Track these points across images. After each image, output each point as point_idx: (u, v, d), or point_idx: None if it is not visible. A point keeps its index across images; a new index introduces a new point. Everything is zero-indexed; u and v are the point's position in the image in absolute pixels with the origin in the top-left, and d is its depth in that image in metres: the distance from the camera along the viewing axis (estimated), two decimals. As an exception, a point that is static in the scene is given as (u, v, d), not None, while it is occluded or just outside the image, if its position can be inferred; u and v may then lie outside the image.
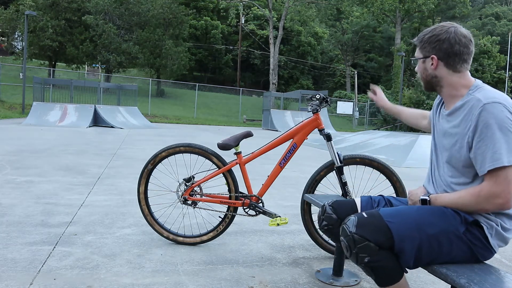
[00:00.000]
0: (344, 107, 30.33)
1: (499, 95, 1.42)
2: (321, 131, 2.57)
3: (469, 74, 1.56)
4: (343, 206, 1.70)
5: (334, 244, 2.51)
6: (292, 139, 2.59)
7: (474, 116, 1.40)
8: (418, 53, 1.60)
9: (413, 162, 7.44)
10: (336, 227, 1.67)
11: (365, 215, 1.44)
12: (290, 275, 2.28)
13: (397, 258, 1.42)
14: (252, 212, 2.65)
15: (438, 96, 1.73)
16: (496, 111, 1.36)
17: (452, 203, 1.47)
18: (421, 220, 1.43)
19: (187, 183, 2.64)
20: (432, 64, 1.54)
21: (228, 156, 3.01)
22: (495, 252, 1.48)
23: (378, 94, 2.17)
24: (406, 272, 1.48)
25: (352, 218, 1.45)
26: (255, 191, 2.68)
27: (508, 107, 1.38)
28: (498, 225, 1.44)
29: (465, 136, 1.44)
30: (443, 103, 1.64)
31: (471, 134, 1.41)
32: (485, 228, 1.43)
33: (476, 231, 1.43)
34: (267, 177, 2.64)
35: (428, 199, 1.54)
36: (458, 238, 1.42)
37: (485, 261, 1.48)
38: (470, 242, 1.43)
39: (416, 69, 1.64)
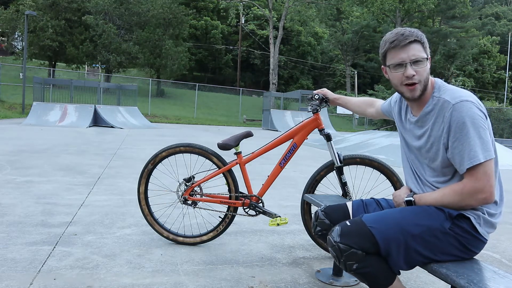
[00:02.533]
0: (344, 107, 30.28)
1: (465, 93, 1.44)
2: (321, 131, 2.57)
3: None
4: (335, 211, 1.71)
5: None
6: (292, 139, 2.59)
7: (446, 118, 1.43)
8: (421, 52, 1.46)
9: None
10: (329, 231, 1.67)
11: (348, 224, 1.46)
12: (290, 275, 2.28)
13: (387, 262, 1.43)
14: (252, 212, 2.65)
15: (398, 99, 1.73)
16: (466, 109, 1.39)
17: (436, 202, 1.48)
18: (404, 221, 1.43)
19: (187, 183, 2.64)
20: (429, 65, 1.51)
21: (228, 156, 3.01)
22: (487, 240, 1.49)
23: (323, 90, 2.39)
24: (399, 273, 1.48)
25: (336, 228, 1.46)
26: (255, 191, 2.68)
27: (476, 104, 1.41)
28: (484, 213, 1.45)
29: (440, 138, 1.46)
30: (407, 107, 1.64)
31: (445, 135, 1.44)
32: (472, 219, 1.44)
33: (463, 223, 1.44)
34: (267, 177, 2.64)
35: (413, 199, 1.55)
36: (445, 234, 1.42)
37: (479, 252, 1.49)
38: (459, 235, 1.43)
39: (417, 72, 1.46)
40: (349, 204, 1.73)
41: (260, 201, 2.64)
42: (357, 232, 1.42)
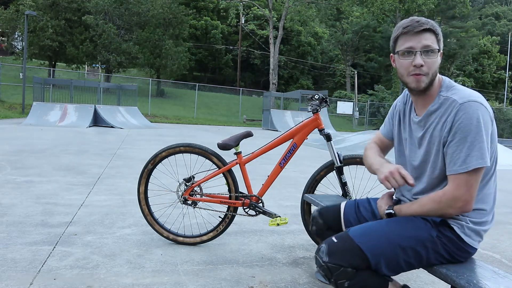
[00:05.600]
0: (344, 107, 30.32)
1: (474, 94, 1.39)
2: (321, 131, 2.57)
3: None
4: (329, 211, 1.74)
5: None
6: (292, 139, 2.59)
7: (450, 117, 1.38)
8: (433, 43, 1.40)
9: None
10: (324, 230, 1.72)
11: (335, 240, 1.42)
12: (290, 275, 2.28)
13: (378, 273, 1.41)
14: (252, 212, 2.65)
15: (403, 101, 1.62)
16: (472, 110, 1.34)
17: (416, 212, 1.46)
18: (392, 234, 1.41)
19: (187, 183, 2.64)
20: (439, 60, 1.43)
21: (228, 156, 3.01)
22: (476, 249, 1.46)
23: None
24: (391, 280, 1.47)
25: (323, 246, 1.42)
26: (255, 191, 2.68)
27: (484, 105, 1.36)
28: (468, 223, 1.42)
29: (440, 138, 1.41)
30: (411, 106, 1.57)
31: (446, 134, 1.39)
32: (455, 228, 1.42)
33: (448, 232, 1.42)
34: (267, 177, 2.64)
35: (393, 212, 1.52)
36: (433, 243, 1.41)
37: (465, 261, 1.46)
38: (445, 245, 1.41)
39: (426, 62, 1.39)
40: (343, 205, 1.74)
41: (260, 201, 2.64)
42: (346, 249, 1.39)
